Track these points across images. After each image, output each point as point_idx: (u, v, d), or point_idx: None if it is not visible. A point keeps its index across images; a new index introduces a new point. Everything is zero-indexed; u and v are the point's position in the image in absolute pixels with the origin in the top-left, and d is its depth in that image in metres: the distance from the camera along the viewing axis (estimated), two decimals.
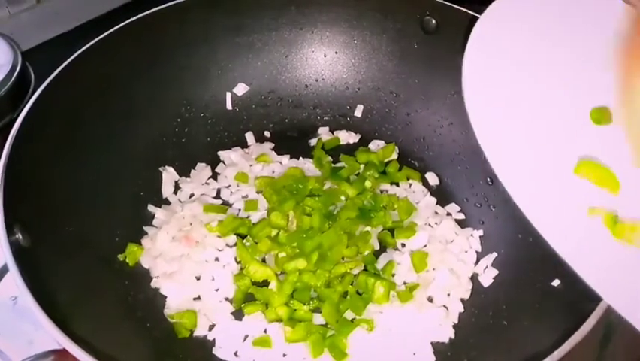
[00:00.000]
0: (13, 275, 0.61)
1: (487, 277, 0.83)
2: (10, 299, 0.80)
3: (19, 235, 0.65)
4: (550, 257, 0.77)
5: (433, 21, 0.95)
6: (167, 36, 0.93)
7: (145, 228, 0.87)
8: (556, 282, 0.74)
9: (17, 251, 0.63)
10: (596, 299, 0.61)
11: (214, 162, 0.97)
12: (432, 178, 0.97)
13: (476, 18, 0.90)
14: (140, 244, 0.85)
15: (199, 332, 0.78)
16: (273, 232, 0.86)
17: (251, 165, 0.96)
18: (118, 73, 0.88)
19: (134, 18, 0.89)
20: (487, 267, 0.85)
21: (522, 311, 0.76)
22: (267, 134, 1.02)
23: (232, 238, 0.86)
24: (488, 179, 0.93)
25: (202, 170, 0.96)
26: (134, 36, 0.89)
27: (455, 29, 0.94)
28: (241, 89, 1.02)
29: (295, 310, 0.79)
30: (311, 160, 0.97)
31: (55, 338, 0.57)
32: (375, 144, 1.01)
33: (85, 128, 0.84)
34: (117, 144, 0.89)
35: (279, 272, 0.83)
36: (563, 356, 0.56)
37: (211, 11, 0.96)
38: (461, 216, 0.92)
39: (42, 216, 0.73)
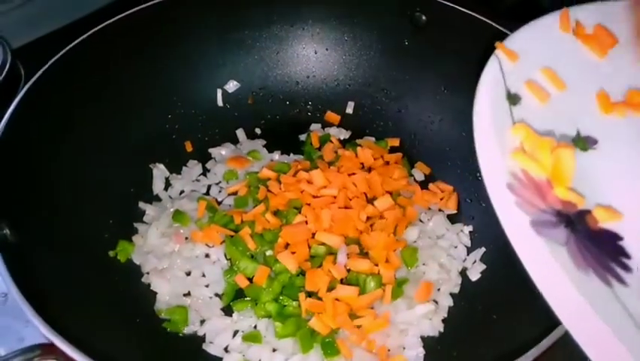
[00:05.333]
0: (0, 270, 0.61)
1: (475, 272, 0.84)
2: (1, 296, 0.80)
3: (6, 231, 0.66)
4: None
5: (423, 17, 0.96)
6: (157, 32, 0.93)
7: (135, 224, 0.87)
8: None
9: (4, 246, 0.63)
10: None
11: (205, 158, 0.97)
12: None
13: (466, 15, 0.92)
14: (130, 240, 0.85)
15: (189, 328, 0.78)
16: (263, 229, 0.86)
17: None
18: (108, 69, 0.89)
19: (124, 14, 0.89)
20: (475, 261, 0.85)
21: (511, 305, 0.76)
22: (257, 131, 1.02)
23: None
24: (478, 175, 0.93)
25: (193, 167, 0.96)
26: (124, 32, 0.90)
27: (445, 26, 0.95)
28: (232, 85, 1.02)
29: (285, 306, 0.79)
30: (302, 156, 0.98)
31: (42, 332, 0.57)
32: (366, 141, 1.01)
33: (74, 124, 0.84)
34: (107, 140, 0.89)
35: (268, 269, 0.82)
36: (550, 344, 0.57)
37: (202, 8, 0.96)
38: (452, 211, 0.92)
39: (30, 212, 0.73)
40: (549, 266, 0.47)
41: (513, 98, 0.56)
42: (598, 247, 0.49)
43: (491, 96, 0.56)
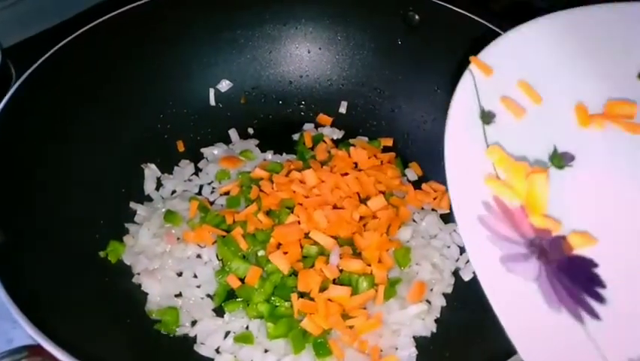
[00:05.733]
0: None
1: (467, 272, 0.84)
2: None
3: None
4: None
5: (416, 17, 0.95)
6: (149, 31, 0.93)
7: (126, 225, 0.87)
8: None
9: None
10: None
11: (197, 158, 0.97)
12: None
13: (459, 14, 0.92)
14: (121, 240, 0.84)
15: (180, 329, 0.78)
16: (255, 229, 0.85)
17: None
18: (99, 68, 0.88)
19: (115, 13, 0.89)
20: (468, 261, 0.85)
21: None
22: (250, 130, 1.02)
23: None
24: None
25: (185, 167, 0.96)
26: (114, 31, 0.89)
27: (438, 25, 0.95)
28: (224, 85, 1.02)
29: (276, 306, 0.78)
30: (295, 156, 0.97)
31: (29, 334, 0.56)
32: (359, 141, 1.00)
33: (65, 124, 0.83)
34: (99, 140, 0.88)
35: (260, 270, 0.82)
36: None
37: (194, 7, 0.96)
38: (445, 211, 0.92)
39: (19, 212, 0.72)
40: (518, 305, 0.46)
41: (487, 117, 0.55)
42: (571, 278, 0.47)
43: (464, 118, 0.54)
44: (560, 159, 0.54)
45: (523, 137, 0.55)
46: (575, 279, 0.48)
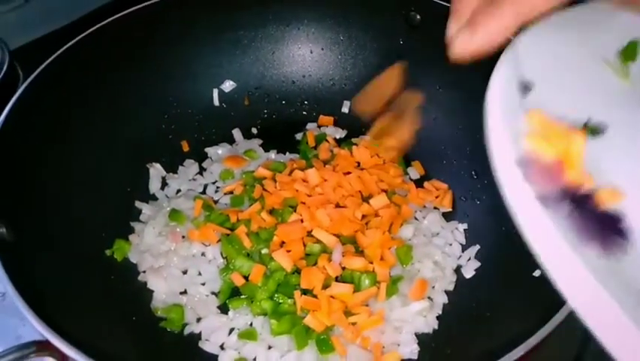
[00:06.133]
0: None
1: (469, 269, 0.84)
2: None
3: (3, 230, 0.66)
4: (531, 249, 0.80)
5: (418, 17, 0.96)
6: (153, 32, 0.94)
7: (132, 223, 0.88)
8: (537, 272, 0.75)
9: (2, 245, 0.64)
10: None
11: (201, 158, 0.98)
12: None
13: None
14: (127, 239, 0.85)
15: (185, 326, 0.79)
16: (258, 228, 0.86)
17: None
18: (104, 70, 0.89)
19: (120, 15, 0.90)
20: (470, 259, 0.86)
21: (505, 302, 0.77)
22: (254, 130, 1.03)
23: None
24: (473, 173, 0.94)
25: (189, 166, 0.97)
26: (120, 33, 0.90)
27: (439, 25, 0.95)
28: (228, 85, 1.03)
29: (280, 303, 0.79)
30: (297, 155, 0.98)
31: (38, 329, 0.58)
32: (362, 140, 1.01)
33: (71, 124, 0.84)
34: (104, 140, 0.89)
35: (263, 267, 0.83)
36: (545, 336, 0.57)
37: (198, 8, 0.97)
38: (447, 209, 0.92)
39: (28, 211, 0.74)
40: (550, 236, 0.48)
41: (527, 84, 0.57)
42: (600, 222, 0.50)
43: (505, 81, 0.56)
44: (595, 128, 0.57)
45: (559, 106, 0.57)
46: (603, 223, 0.51)
